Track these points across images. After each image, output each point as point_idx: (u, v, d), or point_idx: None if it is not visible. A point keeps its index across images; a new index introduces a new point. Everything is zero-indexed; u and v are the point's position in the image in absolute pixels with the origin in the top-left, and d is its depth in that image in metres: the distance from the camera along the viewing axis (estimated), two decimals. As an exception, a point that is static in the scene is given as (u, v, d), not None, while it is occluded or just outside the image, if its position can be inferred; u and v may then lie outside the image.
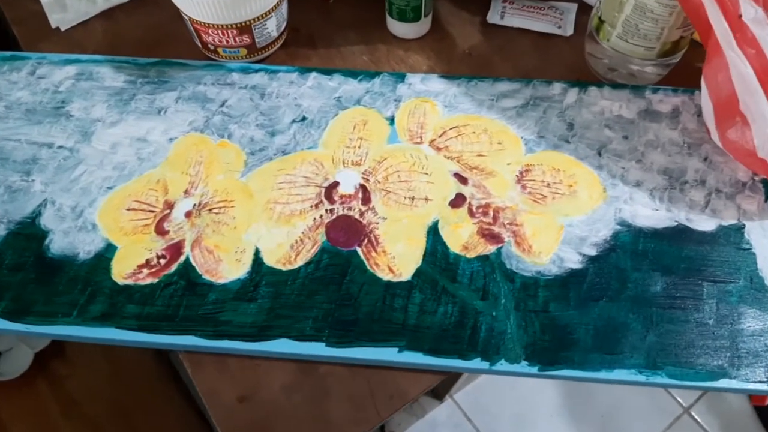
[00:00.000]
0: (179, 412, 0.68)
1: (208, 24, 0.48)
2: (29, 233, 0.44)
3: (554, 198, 0.45)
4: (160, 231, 0.44)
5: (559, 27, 0.55)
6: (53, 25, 0.56)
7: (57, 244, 0.43)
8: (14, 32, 0.56)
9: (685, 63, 0.50)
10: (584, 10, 0.56)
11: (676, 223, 0.44)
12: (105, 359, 0.71)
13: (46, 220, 0.44)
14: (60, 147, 0.48)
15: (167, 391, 0.70)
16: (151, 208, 0.45)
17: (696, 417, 1.06)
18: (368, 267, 0.42)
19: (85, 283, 0.42)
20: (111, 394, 0.69)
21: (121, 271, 0.42)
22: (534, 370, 0.39)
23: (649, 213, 0.44)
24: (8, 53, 0.53)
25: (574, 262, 0.42)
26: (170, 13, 0.55)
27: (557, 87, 0.50)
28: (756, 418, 1.07)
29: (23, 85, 0.51)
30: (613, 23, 0.47)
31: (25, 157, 0.47)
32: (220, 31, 0.48)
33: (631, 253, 0.43)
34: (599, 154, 0.47)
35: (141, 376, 0.70)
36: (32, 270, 0.42)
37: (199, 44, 0.51)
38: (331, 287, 0.42)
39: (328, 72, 0.51)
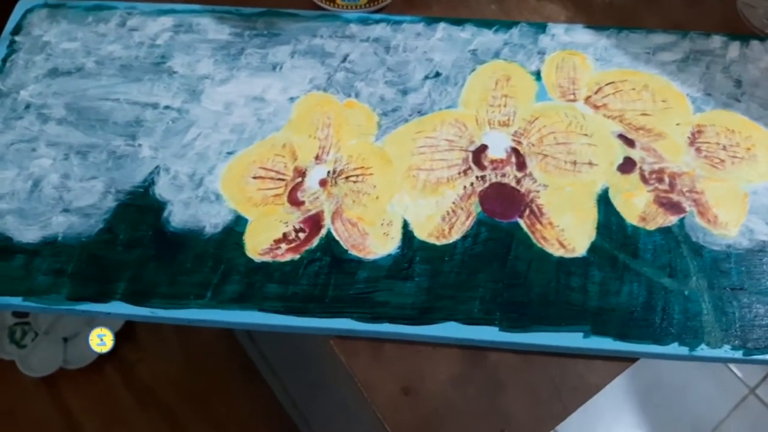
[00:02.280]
0: (256, 396, 0.64)
1: (333, -34, 0.42)
2: (143, 204, 0.39)
3: (733, 162, 0.40)
4: (294, 201, 0.38)
5: (707, -27, 0.49)
6: (136, -28, 0.49)
7: (178, 217, 0.38)
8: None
9: None
10: (731, -45, 0.50)
11: None
12: (177, 341, 0.66)
13: (162, 190, 0.39)
14: (166, 107, 0.42)
15: (243, 374, 0.65)
16: (281, 176, 0.39)
17: (762, 397, 1.03)
18: (534, 241, 0.37)
19: (216, 261, 0.37)
20: (186, 380, 0.64)
21: (256, 247, 0.37)
22: (738, 355, 0.34)
23: (841, 179, 0.39)
24: (90, 2, 0.47)
25: (765, 233, 0.38)
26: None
27: (717, 40, 0.45)
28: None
29: (114, 38, 0.45)
30: (795, -36, 0.42)
31: (127, 119, 0.42)
32: (344, -25, 0.43)
33: (830, 224, 0.38)
34: (775, 113, 0.42)
35: (215, 359, 0.65)
36: (152, 246, 0.37)
37: (312, -9, 0.45)
38: (495, 264, 0.37)
39: (458, 22, 0.46)
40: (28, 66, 0.44)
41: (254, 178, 0.39)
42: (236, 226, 0.38)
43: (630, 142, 0.40)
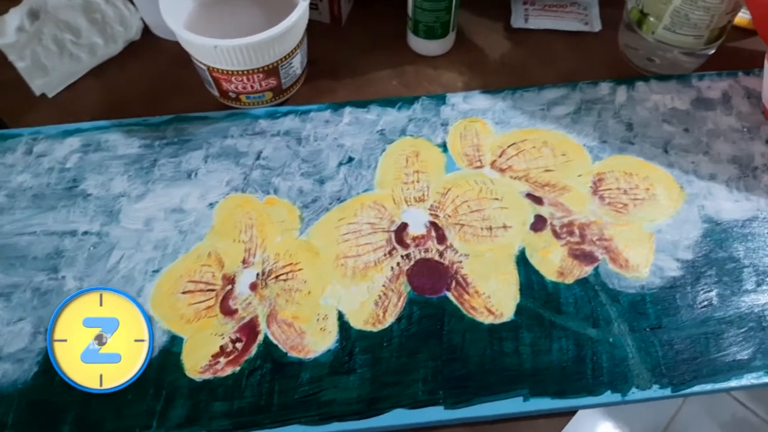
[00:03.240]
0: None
1: (232, 71, 0.43)
2: (74, 339, 0.38)
3: (635, 205, 0.43)
4: (227, 311, 0.39)
5: (586, 23, 0.53)
6: (37, 93, 0.49)
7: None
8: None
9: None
10: (606, 1, 0.54)
11: (759, 213, 0.42)
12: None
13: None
14: (85, 233, 0.42)
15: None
16: (210, 287, 0.40)
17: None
18: (465, 312, 0.39)
19: (157, 387, 0.36)
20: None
21: (195, 366, 0.37)
22: (667, 392, 0.36)
23: (731, 206, 0.43)
24: (-7, 133, 0.46)
25: (673, 269, 0.40)
26: (168, 60, 0.50)
27: (605, 87, 0.48)
28: None
29: (22, 168, 0.45)
30: (660, 15, 0.45)
31: (47, 252, 0.41)
32: (244, 78, 0.44)
33: (728, 250, 0.41)
34: (666, 151, 0.45)
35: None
36: (89, 382, 0.37)
37: (217, 93, 0.46)
38: (432, 342, 0.38)
39: (362, 104, 0.47)
40: (-64, 210, 0.43)
41: (183, 293, 0.39)
42: (173, 347, 0.38)
43: (538, 200, 0.43)
